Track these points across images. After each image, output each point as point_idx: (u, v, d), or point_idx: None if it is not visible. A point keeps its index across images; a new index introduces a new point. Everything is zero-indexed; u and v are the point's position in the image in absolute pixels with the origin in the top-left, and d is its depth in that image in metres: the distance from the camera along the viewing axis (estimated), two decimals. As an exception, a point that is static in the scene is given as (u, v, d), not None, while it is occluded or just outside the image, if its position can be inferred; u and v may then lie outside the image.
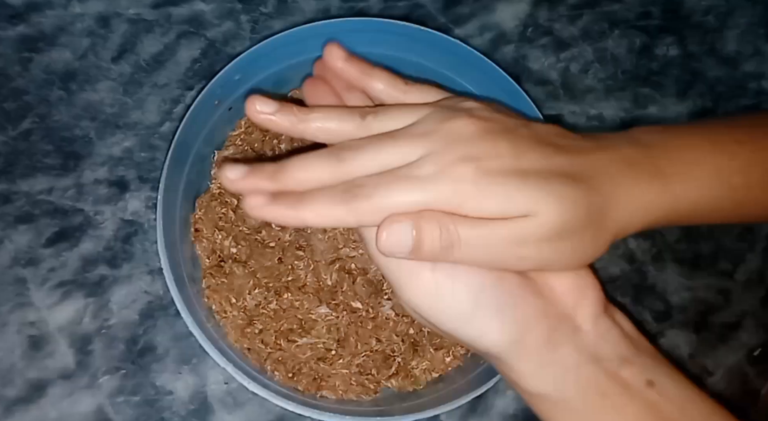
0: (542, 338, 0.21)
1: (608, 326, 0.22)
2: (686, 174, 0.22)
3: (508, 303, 0.21)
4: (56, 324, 0.37)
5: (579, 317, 0.21)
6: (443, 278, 0.21)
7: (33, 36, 0.42)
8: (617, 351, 0.21)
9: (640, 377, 0.21)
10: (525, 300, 0.21)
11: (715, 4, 0.48)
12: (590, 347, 0.21)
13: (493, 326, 0.21)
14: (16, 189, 0.39)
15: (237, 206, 0.38)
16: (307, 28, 0.36)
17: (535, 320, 0.21)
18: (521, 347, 0.21)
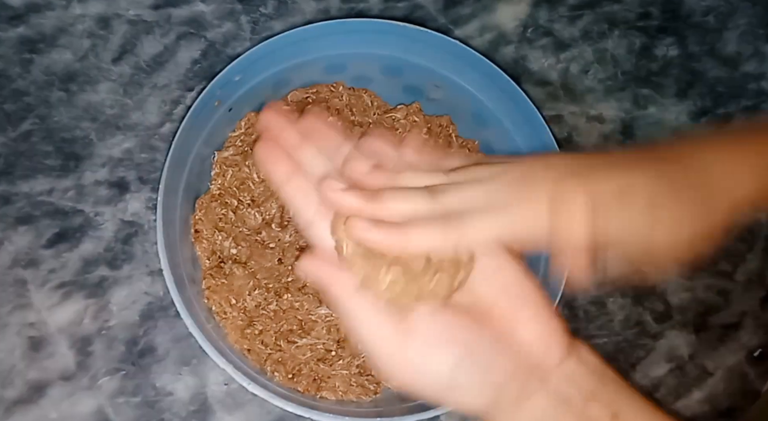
0: (515, 393, 0.22)
1: (574, 367, 0.23)
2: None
3: (482, 371, 0.22)
4: (56, 325, 0.37)
5: (548, 363, 0.23)
6: (417, 356, 0.22)
7: (33, 37, 0.42)
8: (584, 389, 0.23)
9: (606, 411, 0.22)
10: (498, 363, 0.22)
11: (715, 4, 0.48)
12: (558, 391, 0.23)
13: (470, 395, 0.22)
14: (16, 190, 0.39)
15: (237, 207, 0.38)
16: (306, 29, 0.36)
17: (508, 380, 0.22)
18: (496, 405, 0.23)
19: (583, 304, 0.41)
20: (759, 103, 0.47)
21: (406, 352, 0.22)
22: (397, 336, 0.22)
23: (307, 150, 0.25)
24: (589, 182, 0.23)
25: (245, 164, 0.38)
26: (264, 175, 0.26)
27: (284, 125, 0.26)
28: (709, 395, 0.40)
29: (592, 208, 0.22)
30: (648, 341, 0.41)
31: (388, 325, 0.22)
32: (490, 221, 0.22)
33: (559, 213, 0.22)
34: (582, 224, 0.22)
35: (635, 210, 0.23)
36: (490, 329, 0.23)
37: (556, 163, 0.24)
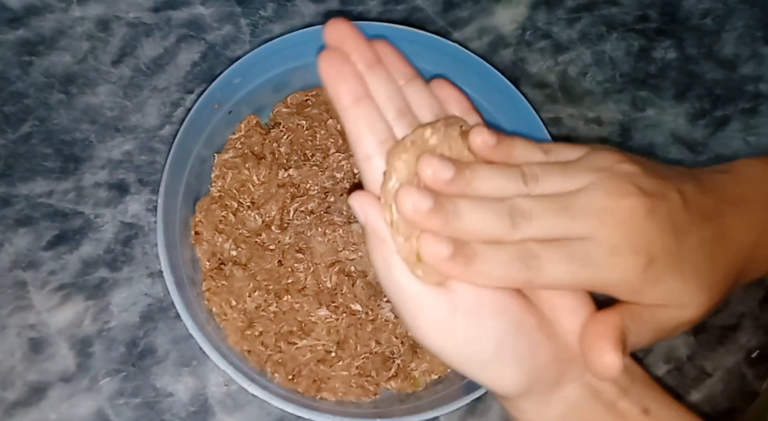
0: (552, 380, 0.22)
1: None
2: None
3: (526, 351, 0.21)
4: (56, 327, 0.37)
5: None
6: (464, 320, 0.20)
7: (33, 40, 0.42)
8: (616, 385, 0.22)
9: (637, 406, 0.22)
10: (541, 346, 0.21)
11: (713, 7, 0.48)
12: (591, 384, 0.22)
13: (509, 373, 0.21)
14: (16, 192, 0.39)
15: (237, 209, 0.38)
16: (306, 32, 0.36)
17: (548, 365, 0.21)
18: (532, 388, 0.21)
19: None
20: (757, 105, 0.47)
21: (451, 314, 0.20)
22: (440, 295, 0.20)
23: (380, 74, 0.22)
24: (659, 288, 0.21)
25: (245, 167, 0.38)
26: (329, 92, 0.22)
27: (358, 40, 0.22)
28: (708, 396, 0.40)
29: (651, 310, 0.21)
30: (646, 342, 0.41)
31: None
32: (570, 269, 0.20)
33: (647, 294, 0.21)
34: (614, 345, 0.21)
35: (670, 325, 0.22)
36: (535, 310, 0.22)
37: (654, 232, 0.21)
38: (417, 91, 0.23)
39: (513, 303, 0.21)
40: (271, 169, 0.38)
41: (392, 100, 0.22)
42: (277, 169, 0.38)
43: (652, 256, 0.21)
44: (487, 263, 0.20)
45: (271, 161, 0.38)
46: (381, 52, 0.23)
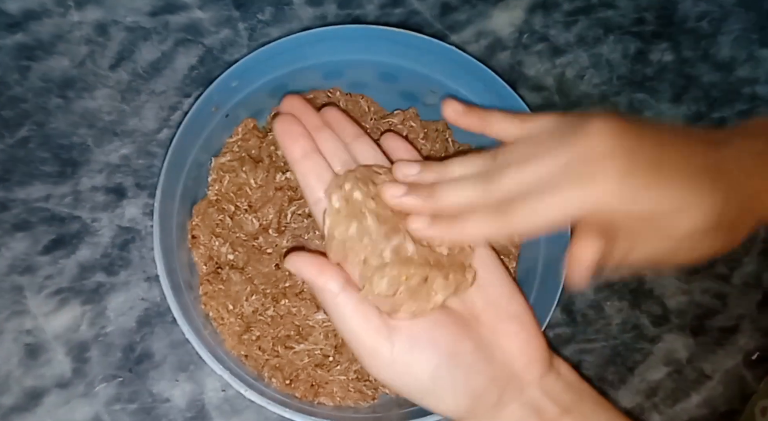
0: (492, 401, 0.23)
1: (552, 381, 0.24)
2: None
3: (462, 378, 0.22)
4: (53, 332, 0.37)
5: (527, 377, 0.23)
6: (400, 356, 0.22)
7: (31, 44, 0.42)
8: (559, 403, 0.23)
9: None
10: (478, 371, 0.23)
11: (709, 9, 0.49)
12: (534, 403, 0.23)
13: (448, 400, 0.23)
14: (13, 197, 0.39)
15: (234, 213, 0.38)
16: (304, 36, 0.36)
17: (487, 388, 0.23)
18: (473, 412, 0.23)
19: (580, 308, 0.41)
20: (753, 108, 0.47)
21: (389, 350, 0.22)
22: (379, 334, 0.22)
23: (327, 133, 0.26)
24: (647, 196, 0.21)
25: (242, 170, 0.38)
26: (281, 149, 0.26)
27: (307, 110, 0.27)
28: (708, 398, 0.40)
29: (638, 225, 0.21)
30: (646, 345, 0.41)
31: (373, 321, 0.23)
32: (540, 207, 0.22)
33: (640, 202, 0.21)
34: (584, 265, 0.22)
35: (679, 232, 0.22)
36: (474, 336, 0.23)
37: (616, 152, 0.21)
38: (362, 146, 0.27)
39: (447, 334, 0.23)
40: (268, 173, 0.38)
41: (337, 155, 0.26)
42: (275, 172, 0.38)
43: (635, 159, 0.21)
44: (465, 221, 0.22)
45: (268, 164, 0.38)
46: (330, 116, 0.28)
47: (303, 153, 0.25)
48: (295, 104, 0.27)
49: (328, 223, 0.24)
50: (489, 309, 0.24)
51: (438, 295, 0.23)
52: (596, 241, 0.21)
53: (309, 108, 0.27)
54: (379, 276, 0.23)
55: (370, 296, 0.23)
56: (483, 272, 0.24)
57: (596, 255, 0.21)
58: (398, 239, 0.23)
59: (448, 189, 0.23)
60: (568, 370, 0.24)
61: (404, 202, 0.23)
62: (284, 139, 0.26)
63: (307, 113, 0.27)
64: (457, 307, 0.24)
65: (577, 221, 0.22)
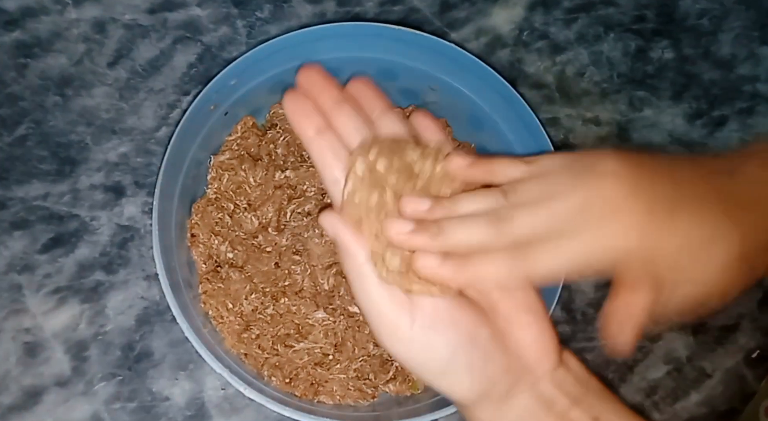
0: (504, 390, 0.23)
1: (563, 374, 0.24)
2: None
3: (479, 361, 0.22)
4: (52, 330, 0.36)
5: (539, 369, 0.23)
6: (421, 332, 0.22)
7: (28, 42, 0.42)
8: (569, 395, 0.23)
9: (587, 415, 0.23)
10: (494, 357, 0.22)
11: (710, 7, 0.48)
12: (545, 394, 0.23)
13: (464, 382, 0.22)
14: (11, 195, 0.39)
15: (233, 211, 0.37)
16: (302, 33, 0.36)
17: (500, 376, 0.23)
18: (485, 398, 0.23)
19: (580, 306, 0.41)
20: (754, 106, 0.47)
21: (409, 326, 0.22)
22: (402, 308, 0.22)
23: (347, 108, 0.24)
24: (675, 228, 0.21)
25: (241, 168, 0.38)
26: (294, 129, 0.24)
27: (326, 82, 0.24)
28: (708, 397, 0.40)
29: (677, 257, 0.21)
30: (646, 344, 0.41)
31: (395, 295, 0.22)
32: (560, 251, 0.21)
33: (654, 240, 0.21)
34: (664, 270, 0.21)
35: (717, 261, 0.22)
36: (491, 325, 0.23)
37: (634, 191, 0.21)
38: (390, 122, 0.25)
39: (467, 317, 0.22)
40: (267, 171, 0.38)
41: (359, 131, 0.24)
42: (274, 170, 0.38)
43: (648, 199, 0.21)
44: (480, 262, 0.22)
45: (267, 163, 0.38)
46: (356, 88, 0.25)
47: (316, 130, 0.23)
48: (313, 76, 0.24)
49: (349, 185, 0.23)
50: (505, 299, 0.23)
51: None
52: (644, 290, 0.21)
53: (328, 80, 0.24)
54: (392, 252, 0.22)
55: (384, 272, 0.22)
56: None
57: (646, 307, 0.21)
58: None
59: (458, 227, 0.22)
60: (577, 363, 0.24)
61: (412, 240, 0.22)
62: (295, 117, 0.24)
63: (327, 86, 0.24)
64: (474, 295, 0.23)
65: (613, 274, 0.22)
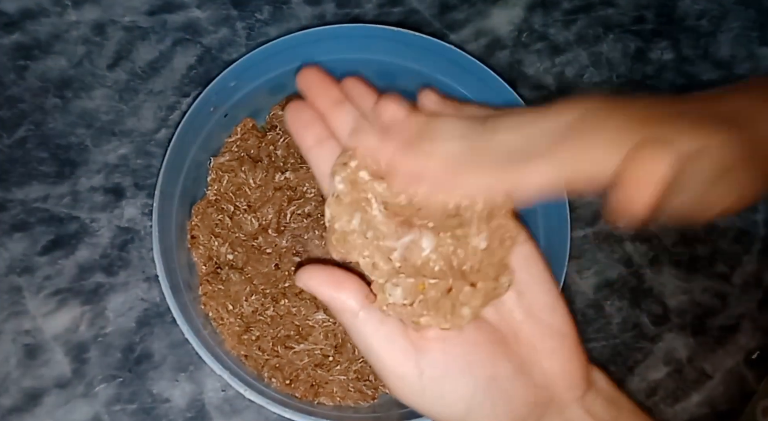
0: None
1: (593, 398, 0.22)
2: None
3: (502, 403, 0.20)
4: (52, 332, 0.36)
5: (567, 397, 0.21)
6: (431, 383, 0.20)
7: (28, 44, 0.42)
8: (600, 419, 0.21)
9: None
10: (518, 394, 0.20)
11: (709, 8, 0.49)
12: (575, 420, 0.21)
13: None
14: (11, 197, 0.39)
15: (233, 213, 0.37)
16: (302, 35, 0.36)
17: (527, 411, 0.21)
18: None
19: (580, 307, 0.41)
20: (753, 106, 0.47)
21: (418, 376, 0.20)
22: (407, 359, 0.20)
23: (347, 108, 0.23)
24: (669, 138, 0.19)
25: (241, 170, 0.38)
26: (295, 140, 0.23)
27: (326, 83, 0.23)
28: (708, 397, 0.40)
29: (671, 169, 0.18)
30: (646, 344, 0.41)
31: (397, 342, 0.20)
32: (552, 161, 0.19)
33: (637, 165, 0.18)
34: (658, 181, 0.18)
35: (707, 174, 0.20)
36: (513, 356, 0.21)
37: (626, 112, 0.19)
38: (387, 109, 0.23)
39: (485, 354, 0.20)
40: (267, 173, 0.38)
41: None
42: (274, 172, 0.38)
43: (639, 110, 0.19)
44: (467, 172, 0.19)
45: (267, 164, 0.38)
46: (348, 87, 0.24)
47: (316, 140, 0.23)
48: (312, 78, 0.23)
49: (328, 214, 0.20)
50: (529, 322, 0.21)
51: (465, 308, 0.20)
52: (670, 157, 0.18)
53: (328, 81, 0.23)
54: (393, 284, 0.19)
55: (385, 306, 0.20)
56: (524, 275, 0.21)
57: (666, 178, 0.18)
58: (412, 235, 0.19)
59: (441, 131, 0.20)
60: (606, 383, 0.23)
61: (382, 149, 0.20)
62: (295, 128, 0.23)
63: (326, 87, 0.23)
64: (492, 318, 0.21)
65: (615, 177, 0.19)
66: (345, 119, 0.23)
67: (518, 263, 0.21)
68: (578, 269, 0.41)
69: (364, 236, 0.20)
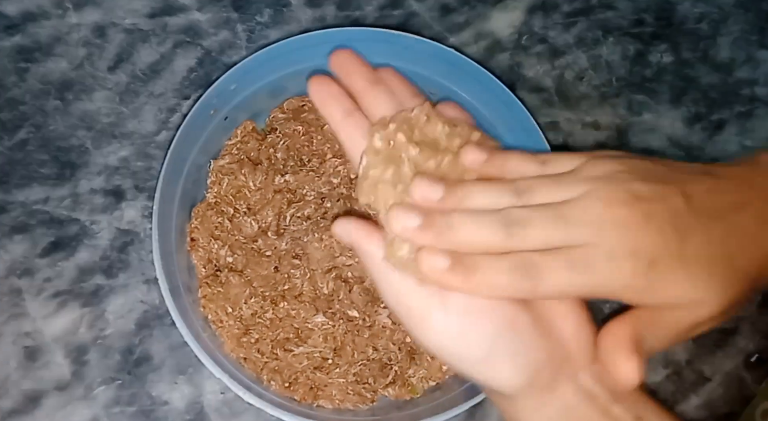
0: (548, 378, 0.22)
1: (600, 369, 0.23)
2: None
3: (521, 348, 0.21)
4: (52, 334, 0.36)
5: (579, 361, 0.22)
6: (456, 320, 0.21)
7: (29, 46, 0.42)
8: (609, 390, 0.22)
9: (630, 413, 0.22)
10: (536, 344, 0.22)
11: (708, 11, 0.49)
12: (586, 387, 0.22)
13: (505, 370, 0.21)
14: (11, 199, 0.39)
15: (233, 215, 0.38)
16: (303, 38, 0.36)
17: (543, 363, 0.22)
18: (528, 388, 0.22)
19: (579, 310, 0.41)
20: (752, 109, 0.47)
21: (443, 314, 0.21)
22: (431, 297, 0.21)
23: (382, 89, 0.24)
24: (673, 286, 0.21)
25: (241, 173, 0.38)
26: (321, 113, 0.24)
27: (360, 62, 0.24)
28: (707, 400, 0.40)
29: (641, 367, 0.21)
30: (645, 347, 0.41)
31: (422, 285, 0.21)
32: (571, 279, 0.21)
33: (654, 296, 0.21)
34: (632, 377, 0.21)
35: (688, 329, 0.22)
36: (531, 310, 0.22)
37: (641, 235, 0.21)
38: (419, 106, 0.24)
39: (506, 304, 0.21)
40: (267, 175, 0.38)
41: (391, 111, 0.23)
42: (274, 174, 0.38)
43: (653, 257, 0.21)
44: (487, 273, 0.21)
45: (267, 167, 0.38)
46: (385, 75, 0.25)
47: (344, 112, 0.23)
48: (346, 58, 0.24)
49: (364, 162, 0.22)
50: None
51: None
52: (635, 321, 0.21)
53: (362, 61, 0.24)
54: (401, 238, 0.21)
55: (392, 259, 0.21)
56: None
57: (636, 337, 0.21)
58: None
59: (469, 225, 0.21)
60: None
61: (418, 237, 0.21)
62: (322, 101, 0.23)
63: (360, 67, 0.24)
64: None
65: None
66: (382, 99, 0.24)
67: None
68: (577, 271, 0.41)
69: (393, 187, 0.21)
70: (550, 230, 0.21)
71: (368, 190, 0.22)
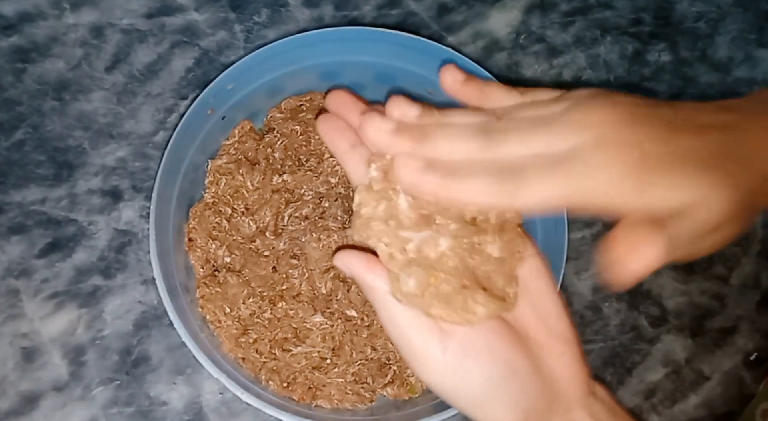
0: (541, 416, 0.22)
1: (593, 403, 0.23)
2: None
3: (517, 390, 0.22)
4: (49, 335, 0.36)
5: (572, 397, 0.23)
6: (453, 361, 0.21)
7: (26, 47, 0.42)
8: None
9: None
10: (532, 385, 0.22)
11: (707, 10, 0.49)
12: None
13: (499, 411, 0.22)
14: (9, 200, 0.39)
15: (231, 215, 0.37)
16: (300, 38, 0.36)
17: (536, 404, 0.22)
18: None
19: (578, 309, 0.41)
20: (751, 108, 0.47)
21: (441, 353, 0.21)
22: (431, 335, 0.21)
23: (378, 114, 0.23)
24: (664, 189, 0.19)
25: (239, 172, 0.38)
26: (329, 148, 0.24)
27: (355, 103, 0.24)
28: (706, 399, 0.40)
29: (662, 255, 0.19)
30: (644, 346, 0.41)
31: (424, 320, 0.21)
32: (555, 180, 0.19)
33: (648, 195, 0.19)
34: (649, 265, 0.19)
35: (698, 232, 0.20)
36: (527, 349, 0.22)
37: (626, 141, 0.19)
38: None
39: (504, 343, 0.22)
40: (265, 175, 0.38)
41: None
42: (272, 174, 0.38)
43: (644, 150, 0.19)
44: (465, 177, 0.20)
45: (265, 167, 0.38)
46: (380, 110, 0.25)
47: (350, 145, 0.23)
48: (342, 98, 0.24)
49: (357, 200, 0.21)
50: (539, 325, 0.23)
51: (480, 307, 0.21)
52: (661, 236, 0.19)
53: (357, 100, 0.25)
54: (406, 274, 0.20)
55: (398, 295, 0.21)
56: (536, 283, 0.23)
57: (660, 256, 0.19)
58: (431, 231, 0.20)
59: (446, 134, 0.20)
60: (606, 394, 0.24)
61: (392, 141, 0.20)
62: (329, 135, 0.24)
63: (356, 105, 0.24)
64: (508, 318, 0.23)
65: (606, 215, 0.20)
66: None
67: (530, 274, 0.23)
68: (576, 270, 0.41)
69: (386, 223, 0.21)
70: (532, 133, 0.20)
71: (361, 228, 0.21)
